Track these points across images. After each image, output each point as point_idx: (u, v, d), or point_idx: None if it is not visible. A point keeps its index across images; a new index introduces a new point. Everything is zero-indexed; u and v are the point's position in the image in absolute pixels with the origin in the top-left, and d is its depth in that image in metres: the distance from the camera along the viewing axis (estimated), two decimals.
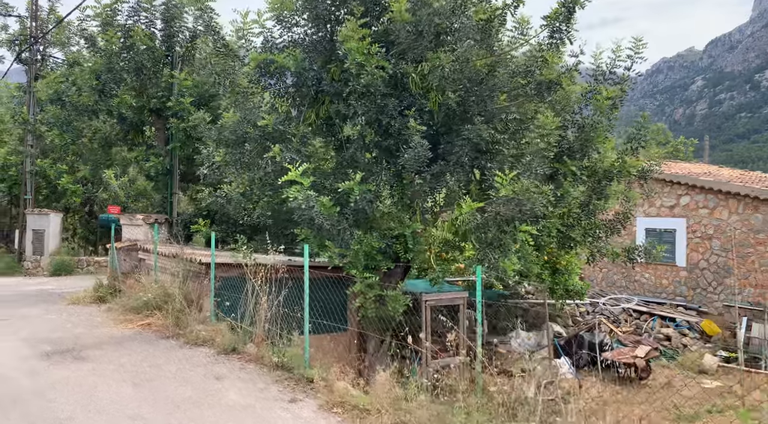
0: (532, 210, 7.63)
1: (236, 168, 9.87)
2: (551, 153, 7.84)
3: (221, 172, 10.07)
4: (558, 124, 7.68)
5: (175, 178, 14.01)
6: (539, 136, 7.67)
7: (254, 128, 9.65)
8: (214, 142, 9.95)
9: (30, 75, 19.73)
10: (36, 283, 16.78)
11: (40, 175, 19.98)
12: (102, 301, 12.09)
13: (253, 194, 9.90)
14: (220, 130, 9.73)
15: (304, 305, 7.60)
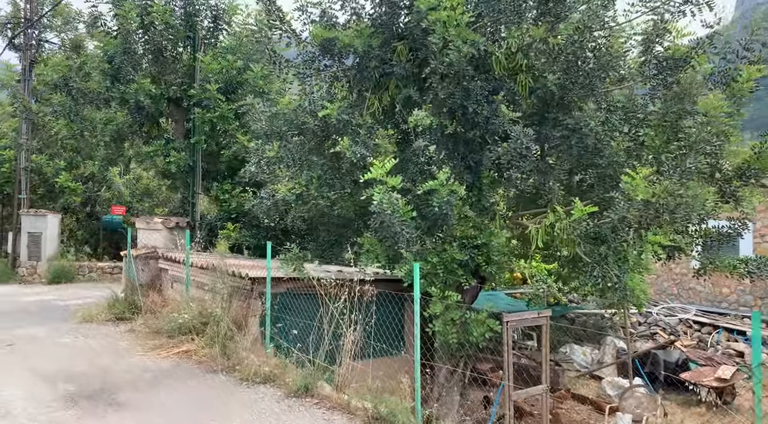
0: (686, 216, 6.20)
1: (289, 164, 8.35)
2: (714, 145, 6.41)
3: (271, 169, 8.55)
4: (723, 108, 6.27)
5: (197, 176, 12.45)
6: (699, 125, 6.25)
7: (312, 118, 8.15)
8: (264, 135, 8.41)
9: (25, 61, 17.98)
10: (34, 293, 15.11)
11: (35, 172, 18.25)
12: (120, 319, 10.52)
13: (309, 196, 8.40)
14: (272, 120, 8.21)
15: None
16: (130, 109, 12.25)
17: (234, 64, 12.00)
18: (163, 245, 12.03)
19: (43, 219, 17.57)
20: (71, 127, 12.34)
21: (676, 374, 12.38)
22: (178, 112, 13.03)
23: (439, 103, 8.01)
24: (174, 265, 10.93)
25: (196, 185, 12.45)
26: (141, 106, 11.67)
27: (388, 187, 6.96)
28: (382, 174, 6.93)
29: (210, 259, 9.83)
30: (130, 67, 11.62)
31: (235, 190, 12.03)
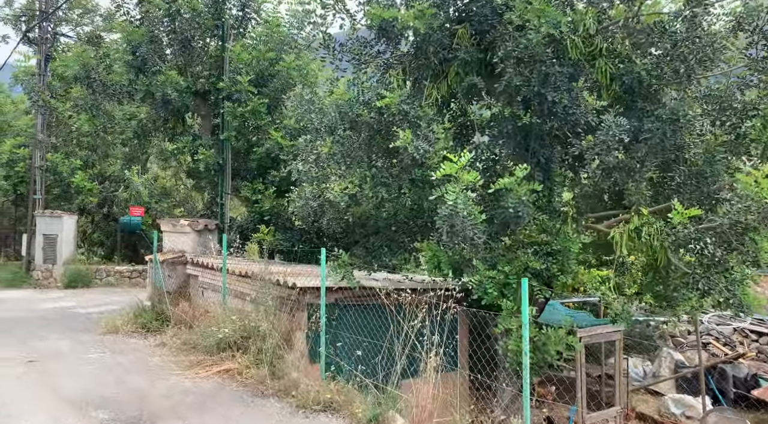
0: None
1: (340, 162, 7.51)
2: None
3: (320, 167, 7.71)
4: None
5: (227, 175, 11.64)
6: None
7: (368, 109, 7.31)
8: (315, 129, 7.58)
9: (40, 56, 17.27)
10: (51, 298, 14.37)
11: (50, 172, 17.54)
12: (147, 330, 9.73)
13: (363, 197, 7.55)
14: (323, 113, 7.37)
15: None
16: (154, 104, 11.47)
17: (265, 54, 11.19)
18: (190, 249, 11.24)
19: (58, 220, 16.85)
20: (93, 122, 11.57)
21: (746, 390, 11.46)
22: (204, 107, 12.24)
23: (511, 92, 7.14)
24: (205, 271, 10.13)
25: (225, 185, 11.65)
26: (167, 99, 10.88)
27: (463, 185, 6.12)
28: (457, 170, 6.09)
29: (248, 265, 9.02)
30: (156, 58, 10.82)
31: (268, 190, 11.22)
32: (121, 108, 11.69)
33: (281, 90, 11.53)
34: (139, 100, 11.43)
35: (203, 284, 10.23)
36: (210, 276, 9.98)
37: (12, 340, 9.21)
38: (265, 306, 7.58)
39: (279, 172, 11.38)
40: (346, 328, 7.94)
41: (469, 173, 6.06)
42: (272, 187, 11.30)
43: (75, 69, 11.24)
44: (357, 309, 8.20)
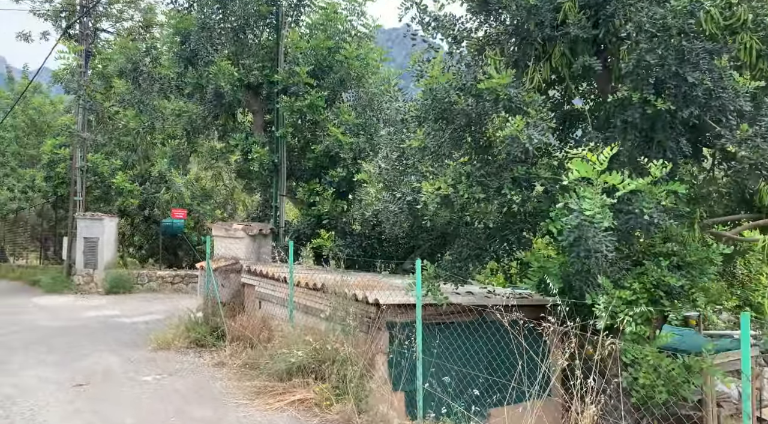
0: None
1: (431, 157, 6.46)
2: None
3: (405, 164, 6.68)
4: None
5: (282, 175, 10.73)
6: None
7: (464, 95, 6.25)
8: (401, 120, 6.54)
9: (82, 52, 16.70)
10: (94, 306, 13.72)
11: (91, 172, 16.97)
12: (201, 346, 8.86)
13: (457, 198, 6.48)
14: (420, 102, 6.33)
15: None
16: (204, 98, 10.63)
17: (324, 43, 10.23)
18: (244, 255, 10.36)
19: (99, 223, 16.26)
20: (140, 118, 10.78)
21: None
22: (256, 102, 11.36)
23: (641, 73, 5.99)
24: (263, 281, 9.22)
25: (280, 186, 10.74)
26: (220, 93, 10.03)
27: (597, 189, 5.04)
28: (594, 172, 5.01)
29: (312, 275, 8.05)
30: (208, 46, 9.96)
31: (327, 192, 10.26)
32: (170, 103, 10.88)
33: (340, 82, 10.58)
34: (187, 94, 10.60)
35: (261, 294, 9.32)
36: (269, 287, 9.06)
37: (56, 356, 8.45)
38: (344, 325, 6.58)
39: (338, 171, 10.42)
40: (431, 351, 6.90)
41: (611, 175, 4.97)
42: (331, 189, 10.34)
43: (120, 62, 10.47)
44: (442, 329, 7.17)
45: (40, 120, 25.67)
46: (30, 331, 10.36)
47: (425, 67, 6.09)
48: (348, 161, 10.31)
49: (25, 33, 17.66)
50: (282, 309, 8.52)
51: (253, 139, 10.66)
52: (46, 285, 16.57)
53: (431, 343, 6.92)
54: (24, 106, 25.30)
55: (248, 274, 9.74)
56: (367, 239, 10.68)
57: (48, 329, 10.56)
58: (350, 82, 10.67)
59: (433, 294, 6.85)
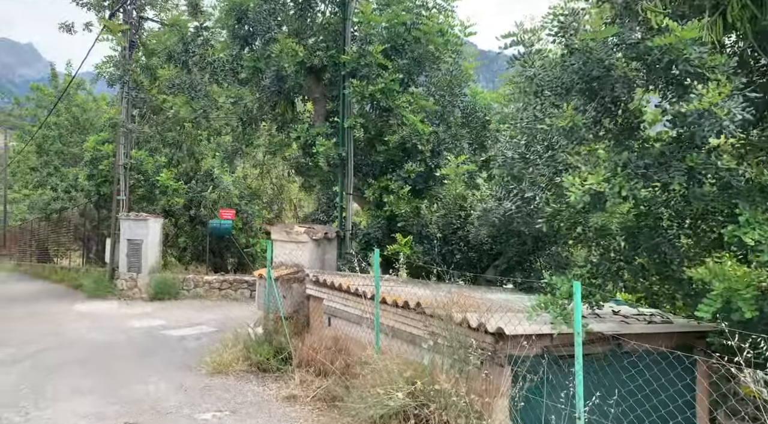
0: None
1: (579, 139, 4.93)
2: None
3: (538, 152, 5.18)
4: None
5: (349, 171, 9.38)
6: None
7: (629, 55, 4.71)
8: (534, 93, 5.05)
9: (124, 43, 15.78)
10: (138, 314, 12.68)
11: (134, 170, 16.03)
12: (264, 370, 7.58)
13: (612, 195, 4.94)
14: (558, 73, 4.82)
15: None
16: (261, 85, 9.34)
17: (401, 16, 8.83)
18: (308, 262, 9.06)
19: (143, 224, 15.29)
20: (192, 106, 9.61)
21: None
22: (317, 88, 10.05)
23: None
24: (333, 293, 7.87)
25: (346, 183, 9.39)
26: (281, 76, 8.75)
27: None
28: None
29: (398, 289, 6.65)
30: (271, 21, 8.68)
31: (403, 189, 8.86)
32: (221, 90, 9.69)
33: (417, 63, 9.18)
34: (243, 80, 9.36)
35: (330, 310, 7.97)
36: (341, 301, 7.70)
37: (98, 380, 7.30)
38: (455, 360, 5.15)
39: (414, 166, 9.01)
40: (560, 389, 5.39)
41: None
42: (407, 186, 8.93)
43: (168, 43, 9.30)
44: (570, 363, 5.65)
45: (83, 117, 25.19)
46: (70, 346, 9.30)
47: (571, 20, 4.57)
48: (426, 154, 8.89)
49: (67, 24, 16.86)
50: (359, 329, 7.14)
51: (316, 130, 9.35)
52: (89, 289, 15.72)
53: (561, 380, 5.43)
54: (67, 103, 24.86)
55: (315, 285, 8.42)
56: (447, 245, 9.22)
57: (89, 344, 9.48)
58: (428, 63, 9.25)
59: (565, 320, 5.36)
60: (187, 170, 16.99)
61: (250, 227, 16.44)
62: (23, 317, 12.50)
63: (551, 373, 5.42)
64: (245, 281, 15.20)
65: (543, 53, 4.78)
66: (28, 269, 27.95)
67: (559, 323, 5.39)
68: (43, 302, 15.00)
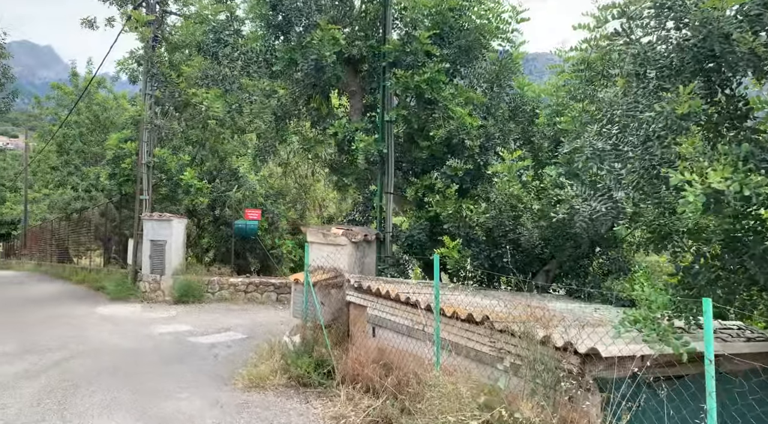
0: None
1: None
2: None
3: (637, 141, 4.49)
4: None
5: (389, 168, 8.75)
6: None
7: None
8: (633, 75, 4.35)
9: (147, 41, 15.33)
10: (163, 318, 12.19)
11: (157, 169, 15.58)
12: (304, 385, 6.98)
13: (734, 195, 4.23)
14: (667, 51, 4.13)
15: None
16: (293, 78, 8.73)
17: (449, 0, 8.15)
18: (347, 266, 8.44)
19: (167, 224, 14.83)
20: (226, 99, 9.04)
21: None
22: (355, 81, 9.44)
23: None
24: (378, 301, 7.24)
25: (386, 182, 8.76)
26: (320, 66, 8.15)
27: None
28: None
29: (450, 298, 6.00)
30: (312, 4, 8.06)
31: (450, 188, 8.21)
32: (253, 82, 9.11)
33: (465, 52, 8.52)
34: (277, 72, 8.76)
35: (374, 319, 7.35)
36: (388, 310, 7.07)
37: (128, 394, 6.76)
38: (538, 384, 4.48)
39: (461, 163, 8.35)
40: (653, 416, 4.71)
41: None
42: (454, 185, 8.27)
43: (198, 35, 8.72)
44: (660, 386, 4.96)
45: (103, 116, 24.91)
46: (95, 354, 8.80)
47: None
48: (475, 150, 8.23)
49: (89, 20, 16.47)
50: (411, 343, 6.51)
51: (355, 125, 8.73)
52: (112, 291, 15.30)
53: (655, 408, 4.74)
54: (88, 101, 24.59)
55: (356, 291, 7.79)
56: (496, 248, 8.55)
57: (115, 352, 8.97)
58: (476, 52, 8.59)
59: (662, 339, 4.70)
60: (211, 169, 16.51)
61: (275, 227, 15.91)
62: (45, 320, 12.08)
63: (645, 398, 4.73)
64: (271, 284, 14.66)
65: (648, 28, 4.10)
66: (48, 269, 27.78)
67: (654, 342, 4.72)
68: (64, 304, 14.60)
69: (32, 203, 37.86)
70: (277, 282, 14.68)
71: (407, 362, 6.48)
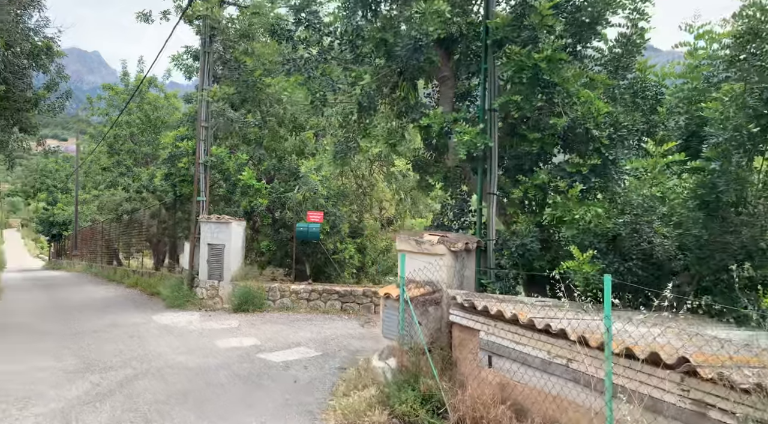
0: None
1: None
2: None
3: None
4: None
5: (493, 164, 7.53)
6: None
7: None
8: None
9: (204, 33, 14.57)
10: (225, 330, 11.29)
11: (215, 168, 14.79)
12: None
13: None
14: None
15: None
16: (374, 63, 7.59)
17: None
18: (446, 279, 7.26)
19: (226, 228, 13.99)
20: (310, 87, 7.98)
21: None
22: (447, 65, 8.26)
23: None
24: (497, 325, 6.02)
25: (490, 181, 7.53)
26: (419, 46, 6.99)
27: None
28: None
29: (598, 324, 4.73)
30: None
31: (574, 188, 6.91)
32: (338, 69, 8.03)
33: (589, 25, 7.24)
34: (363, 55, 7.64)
35: (493, 346, 6.12)
36: (512, 337, 5.85)
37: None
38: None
39: (587, 159, 7.06)
40: None
41: None
42: (578, 184, 6.98)
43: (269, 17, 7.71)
44: None
45: (154, 115, 24.53)
46: (161, 374, 7.89)
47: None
48: (603, 141, 6.92)
49: (145, 13, 15.85)
50: (549, 380, 5.26)
51: (453, 115, 7.52)
52: (168, 298, 14.58)
53: None
54: (139, 101, 24.25)
55: (463, 311, 6.59)
56: (626, 260, 7.20)
57: (182, 372, 8.05)
58: (598, 27, 7.28)
59: None
60: (269, 168, 15.63)
61: (337, 230, 14.88)
62: (102, 329, 11.37)
63: None
64: (335, 292, 13.63)
65: None
66: (99, 271, 27.66)
67: None
68: (120, 311, 13.95)
69: (82, 204, 38.20)
70: (342, 290, 13.64)
71: (545, 406, 5.25)
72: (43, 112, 21.02)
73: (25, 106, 19.55)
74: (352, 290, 13.67)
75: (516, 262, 7.36)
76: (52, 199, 56.44)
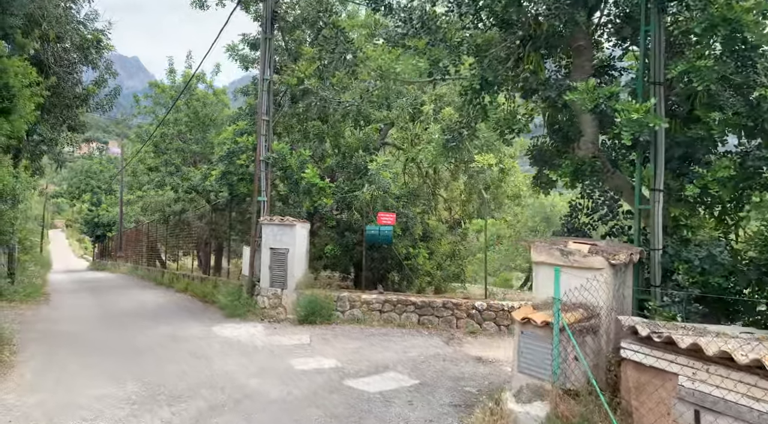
0: None
1: None
2: None
3: None
4: None
5: (658, 154, 5.87)
6: None
7: None
8: None
9: (265, 16, 13.32)
10: (295, 346, 9.91)
11: (276, 166, 13.49)
12: None
13: None
14: None
15: None
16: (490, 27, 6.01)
17: None
18: (604, 301, 5.65)
19: (290, 230, 12.66)
20: (431, 54, 6.44)
21: None
22: (581, 33, 6.66)
23: None
24: (705, 368, 4.38)
25: (656, 174, 5.90)
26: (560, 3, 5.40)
27: None
28: None
29: None
30: None
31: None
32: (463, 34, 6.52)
33: None
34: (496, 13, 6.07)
35: (699, 397, 4.48)
36: (733, 386, 4.20)
37: None
38: None
39: None
40: None
41: None
42: None
43: None
44: None
45: (202, 112, 23.57)
46: (237, 410, 6.51)
47: None
48: None
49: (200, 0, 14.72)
50: None
51: (610, 88, 5.88)
52: (226, 306, 13.35)
53: None
54: (188, 98, 23.34)
55: (646, 345, 4.96)
56: None
57: (264, 408, 6.65)
58: None
59: None
60: (332, 165, 14.26)
61: (410, 234, 13.38)
62: (160, 343, 10.15)
63: None
64: (411, 303, 12.13)
65: None
66: (145, 273, 26.90)
67: None
68: (175, 320, 12.76)
69: (126, 205, 37.83)
70: (418, 301, 12.13)
71: None
72: (92, 110, 20.28)
73: (75, 102, 18.79)
74: (430, 301, 12.16)
75: (696, 279, 5.69)
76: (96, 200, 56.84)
